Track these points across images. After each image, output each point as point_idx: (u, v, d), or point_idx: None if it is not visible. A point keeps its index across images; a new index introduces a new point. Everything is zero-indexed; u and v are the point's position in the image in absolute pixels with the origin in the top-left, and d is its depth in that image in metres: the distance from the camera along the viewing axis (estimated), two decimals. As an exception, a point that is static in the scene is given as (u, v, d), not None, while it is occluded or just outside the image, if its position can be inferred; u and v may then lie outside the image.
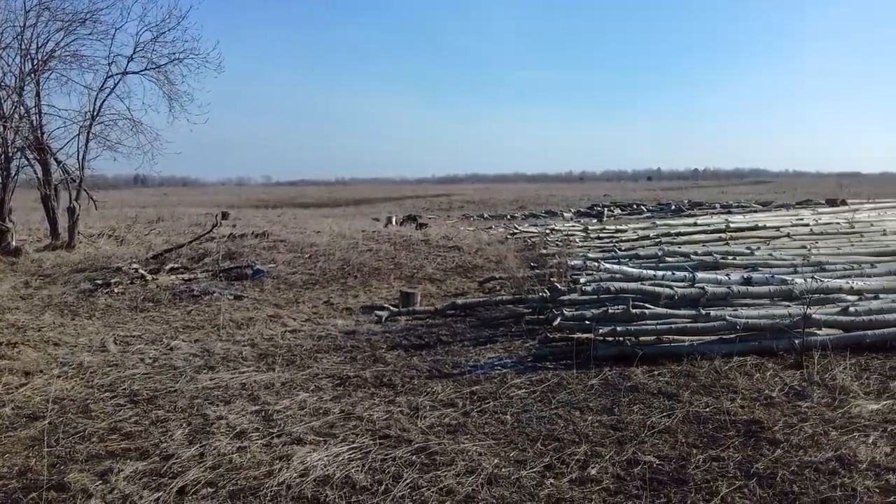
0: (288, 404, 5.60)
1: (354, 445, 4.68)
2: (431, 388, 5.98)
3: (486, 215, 30.01)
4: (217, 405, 5.62)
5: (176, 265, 13.15)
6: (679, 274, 9.24)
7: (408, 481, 4.12)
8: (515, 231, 19.12)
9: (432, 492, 3.99)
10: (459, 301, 9.49)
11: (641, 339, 6.88)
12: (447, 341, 7.74)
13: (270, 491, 4.05)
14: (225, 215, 21.39)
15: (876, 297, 7.98)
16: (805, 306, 6.97)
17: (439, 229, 18.97)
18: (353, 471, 4.28)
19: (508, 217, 28.50)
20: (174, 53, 16.43)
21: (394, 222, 22.20)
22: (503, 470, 4.27)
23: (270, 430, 5.02)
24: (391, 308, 9.16)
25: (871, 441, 4.51)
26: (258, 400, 5.75)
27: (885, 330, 6.88)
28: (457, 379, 6.29)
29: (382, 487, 4.07)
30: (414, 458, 4.48)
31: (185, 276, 12.37)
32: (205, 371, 6.67)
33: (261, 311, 9.57)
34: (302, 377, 6.40)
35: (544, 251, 13.77)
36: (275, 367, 6.75)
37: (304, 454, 4.53)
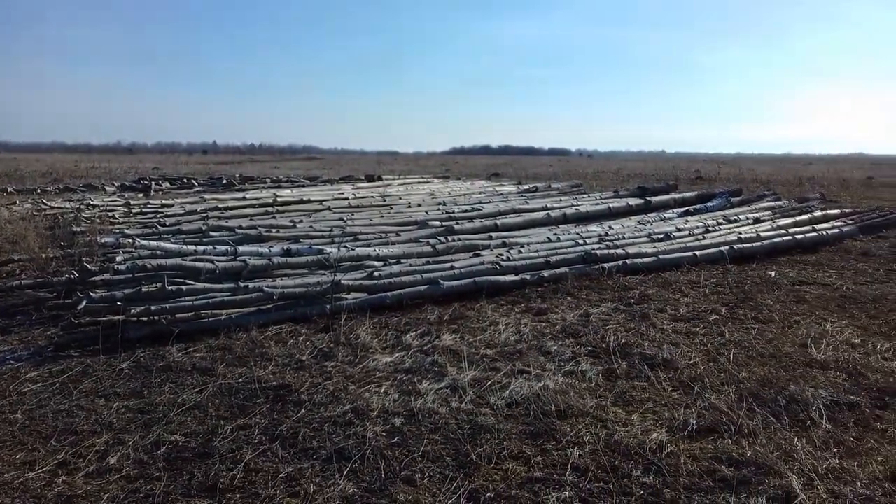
0: None
1: None
2: (-84, 396, 4.96)
3: (10, 189, 25.99)
4: None
5: None
6: (221, 248, 9.25)
7: None
8: (44, 207, 16.93)
9: None
10: (-36, 289, 8.06)
11: (178, 316, 6.66)
12: (-56, 338, 6.52)
13: None
14: None
15: (398, 262, 9.01)
16: (333, 273, 7.53)
17: (-57, 205, 15.86)
18: None
19: (38, 191, 25.07)
20: None
21: None
22: (6, 476, 3.74)
23: None
24: None
25: (383, 391, 5.04)
26: None
27: (402, 291, 7.77)
28: (-47, 381, 5.33)
29: None
30: None
31: None
32: None
33: None
34: None
35: (77, 229, 12.44)
36: None
37: None
